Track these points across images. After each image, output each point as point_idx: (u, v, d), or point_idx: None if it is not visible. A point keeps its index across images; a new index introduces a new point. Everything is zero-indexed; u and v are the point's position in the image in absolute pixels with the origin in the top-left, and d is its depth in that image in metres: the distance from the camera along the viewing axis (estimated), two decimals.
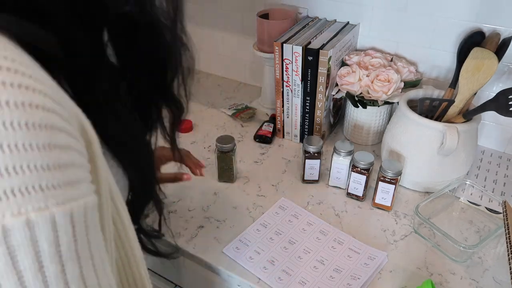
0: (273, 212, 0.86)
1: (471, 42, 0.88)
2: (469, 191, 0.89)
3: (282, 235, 0.81)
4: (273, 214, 0.85)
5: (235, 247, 0.78)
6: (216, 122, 1.18)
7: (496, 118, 1.00)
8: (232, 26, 1.30)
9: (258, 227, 0.82)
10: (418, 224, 0.82)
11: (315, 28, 1.05)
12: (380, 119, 1.03)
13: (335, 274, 0.73)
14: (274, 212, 0.86)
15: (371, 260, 0.75)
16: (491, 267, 0.75)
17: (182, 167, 0.78)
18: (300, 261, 0.76)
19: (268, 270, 0.74)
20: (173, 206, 0.88)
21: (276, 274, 0.73)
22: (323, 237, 0.80)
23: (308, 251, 0.77)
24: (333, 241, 0.79)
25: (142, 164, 0.48)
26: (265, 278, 0.73)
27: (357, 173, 0.86)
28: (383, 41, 1.07)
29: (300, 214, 0.85)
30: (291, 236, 0.80)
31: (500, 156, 1.03)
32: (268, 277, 0.73)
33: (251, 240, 0.80)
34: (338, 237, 0.80)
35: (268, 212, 0.86)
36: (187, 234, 0.82)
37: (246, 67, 1.36)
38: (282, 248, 0.78)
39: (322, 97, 0.99)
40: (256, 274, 0.73)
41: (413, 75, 1.00)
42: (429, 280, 0.65)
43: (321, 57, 0.93)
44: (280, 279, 0.72)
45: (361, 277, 0.72)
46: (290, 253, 0.77)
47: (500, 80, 0.96)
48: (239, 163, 1.01)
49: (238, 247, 0.78)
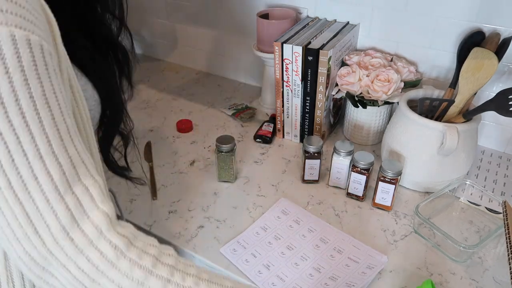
0: (275, 216, 0.85)
1: (471, 42, 0.88)
2: (469, 191, 0.89)
3: (281, 240, 0.80)
4: (275, 218, 0.85)
5: (233, 248, 0.78)
6: (216, 122, 1.18)
7: (496, 118, 1.00)
8: (232, 26, 1.30)
9: (258, 230, 0.82)
10: (418, 224, 0.82)
11: (315, 28, 1.05)
12: (380, 119, 1.04)
13: (330, 282, 0.72)
14: (276, 216, 0.85)
15: (370, 269, 0.74)
16: (491, 267, 0.75)
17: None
18: (297, 268, 0.75)
19: (263, 274, 0.74)
20: (173, 206, 0.88)
21: (270, 279, 0.73)
22: (323, 245, 0.79)
23: (306, 258, 0.77)
24: (333, 250, 0.78)
25: (109, 80, 0.57)
26: (258, 282, 0.72)
27: (357, 173, 0.86)
28: (383, 41, 1.07)
29: (302, 220, 0.84)
30: (290, 242, 0.80)
31: (500, 156, 1.03)
32: (261, 281, 0.72)
33: (249, 243, 0.79)
34: (339, 246, 0.78)
35: (269, 215, 0.85)
36: (187, 234, 0.82)
37: (246, 67, 1.36)
38: (279, 253, 0.78)
39: (322, 97, 0.99)
40: (250, 277, 0.73)
41: (413, 75, 1.00)
42: (429, 280, 0.65)
43: (321, 57, 0.93)
44: (273, 284, 0.72)
45: (356, 284, 0.71)
46: (287, 259, 0.77)
47: (500, 80, 0.96)
48: (239, 163, 1.01)
49: (235, 249, 0.78)
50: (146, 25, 1.50)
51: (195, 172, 0.98)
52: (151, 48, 1.56)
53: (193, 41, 1.43)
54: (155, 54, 1.56)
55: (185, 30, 1.42)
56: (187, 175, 0.98)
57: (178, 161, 1.02)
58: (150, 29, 1.50)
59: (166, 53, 1.53)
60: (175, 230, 0.83)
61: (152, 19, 1.47)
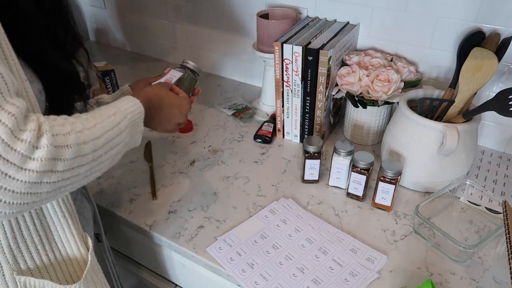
0: (263, 216, 0.85)
1: (471, 42, 0.88)
2: (469, 191, 0.89)
3: (267, 239, 0.80)
4: (262, 218, 0.85)
5: (218, 247, 0.78)
6: (216, 122, 1.18)
7: (496, 118, 1.00)
8: (232, 26, 1.30)
9: (245, 229, 0.82)
10: (418, 224, 0.82)
11: (315, 28, 1.05)
12: (380, 119, 1.04)
13: (312, 285, 0.72)
14: (263, 216, 0.85)
15: (353, 276, 0.73)
16: (491, 267, 0.75)
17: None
18: (280, 267, 0.75)
19: (246, 273, 0.74)
20: (173, 206, 0.88)
21: (253, 278, 0.73)
22: (308, 245, 0.79)
23: (290, 258, 0.77)
24: (318, 250, 0.78)
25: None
26: (241, 280, 0.72)
27: (357, 173, 0.86)
28: (383, 41, 1.07)
29: (289, 220, 0.84)
30: (275, 241, 0.80)
31: (500, 156, 1.03)
32: (244, 280, 0.73)
33: (235, 241, 0.80)
34: (324, 247, 0.79)
35: (258, 215, 0.85)
36: (187, 234, 0.82)
37: (246, 67, 1.36)
38: (264, 252, 0.78)
39: (322, 97, 0.99)
40: (233, 275, 0.73)
41: (413, 75, 1.00)
42: (429, 280, 0.65)
43: (321, 57, 0.93)
44: (256, 283, 0.72)
45: (355, 285, 0.71)
46: (271, 258, 0.77)
47: (500, 80, 0.96)
48: (239, 163, 1.01)
49: (221, 247, 0.78)
50: (146, 25, 1.50)
51: (195, 172, 0.98)
52: (151, 48, 1.56)
53: (193, 41, 1.43)
54: (155, 54, 1.56)
55: (185, 30, 1.42)
56: (187, 175, 0.98)
57: (178, 161, 1.02)
58: (150, 29, 1.50)
59: (166, 53, 1.53)
60: (175, 230, 0.83)
61: (152, 19, 1.47)
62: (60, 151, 0.44)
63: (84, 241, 0.63)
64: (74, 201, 0.63)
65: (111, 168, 0.56)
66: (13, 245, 0.56)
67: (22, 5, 0.50)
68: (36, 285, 0.58)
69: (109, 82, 1.24)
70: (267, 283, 0.72)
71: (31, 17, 0.51)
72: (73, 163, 0.46)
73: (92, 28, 1.68)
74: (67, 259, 0.61)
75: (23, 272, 0.58)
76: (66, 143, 0.45)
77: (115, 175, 0.97)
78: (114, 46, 1.67)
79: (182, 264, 0.88)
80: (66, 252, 0.61)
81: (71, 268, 0.62)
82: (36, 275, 0.59)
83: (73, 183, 0.48)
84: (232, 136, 1.12)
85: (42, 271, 0.59)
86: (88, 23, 1.68)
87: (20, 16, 0.50)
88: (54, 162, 0.44)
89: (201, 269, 0.83)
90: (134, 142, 0.61)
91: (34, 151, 0.42)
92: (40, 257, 0.59)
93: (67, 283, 0.61)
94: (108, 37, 1.66)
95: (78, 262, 0.62)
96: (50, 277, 0.60)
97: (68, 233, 0.60)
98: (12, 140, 0.41)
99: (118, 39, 1.64)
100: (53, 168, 0.44)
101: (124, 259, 1.02)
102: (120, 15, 1.56)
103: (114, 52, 1.63)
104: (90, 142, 0.48)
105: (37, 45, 0.54)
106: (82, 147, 0.47)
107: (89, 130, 0.49)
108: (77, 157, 0.46)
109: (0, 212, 0.43)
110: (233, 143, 1.09)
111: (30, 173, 0.42)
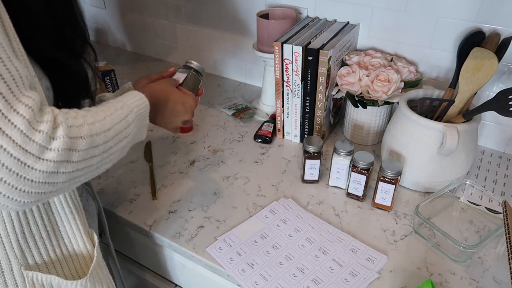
0: (263, 216, 0.85)
1: (471, 42, 0.88)
2: (469, 191, 0.89)
3: (267, 239, 0.80)
4: (262, 218, 0.85)
5: (218, 247, 0.78)
6: (216, 122, 1.18)
7: (496, 118, 1.00)
8: (232, 26, 1.30)
9: (245, 229, 0.82)
10: (418, 224, 0.82)
11: (315, 28, 1.05)
12: (380, 119, 1.04)
13: (312, 285, 0.72)
14: (263, 216, 0.85)
15: (353, 276, 0.73)
16: (491, 267, 0.75)
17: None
18: (280, 267, 0.75)
19: (246, 273, 0.74)
20: (173, 206, 0.89)
21: (253, 278, 0.73)
22: (308, 245, 0.79)
23: (290, 258, 0.77)
24: (318, 250, 0.78)
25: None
26: (241, 280, 0.72)
27: (357, 173, 0.86)
28: (383, 41, 1.07)
29: (289, 219, 0.84)
30: (275, 241, 0.80)
31: (500, 156, 1.03)
32: (244, 280, 0.73)
33: (235, 241, 0.80)
34: (324, 247, 0.79)
35: (258, 215, 0.86)
36: (187, 234, 0.82)
37: (246, 67, 1.36)
38: (264, 252, 0.78)
39: (322, 97, 0.99)
40: (233, 275, 0.73)
41: (413, 75, 1.00)
42: (429, 280, 0.65)
43: (321, 57, 0.93)
44: (256, 283, 0.72)
45: (354, 285, 0.71)
46: (271, 258, 0.77)
47: (500, 80, 0.96)
48: (239, 163, 1.01)
49: (221, 247, 0.78)
50: (146, 25, 1.50)
51: (195, 172, 0.98)
52: (151, 48, 1.56)
53: (193, 41, 1.43)
54: (155, 54, 1.56)
55: (185, 30, 1.42)
56: (187, 175, 0.98)
57: (178, 161, 1.02)
58: (150, 29, 1.50)
59: (166, 53, 1.53)
60: (175, 230, 0.83)
61: (152, 19, 1.47)
62: (75, 141, 0.46)
63: (90, 237, 0.64)
64: (80, 198, 0.63)
65: (111, 168, 0.56)
66: (21, 240, 0.56)
67: (32, 5, 0.51)
68: (43, 280, 0.58)
69: (109, 82, 1.24)
70: (267, 283, 0.72)
71: (39, 17, 0.52)
72: (86, 154, 0.47)
73: (92, 28, 1.68)
74: (73, 254, 0.62)
75: (31, 267, 0.58)
76: (80, 134, 0.46)
77: (115, 175, 0.97)
78: (114, 46, 1.67)
79: (182, 264, 0.88)
80: (72, 248, 0.62)
81: (77, 263, 0.62)
82: (43, 270, 0.59)
83: (86, 174, 0.50)
84: (232, 136, 1.12)
85: (49, 267, 0.60)
86: (88, 23, 1.67)
87: (28, 15, 0.51)
88: (69, 153, 0.45)
89: (201, 269, 0.84)
90: (140, 135, 0.62)
91: (51, 142, 0.43)
92: (47, 253, 0.59)
93: (73, 279, 0.61)
94: (108, 37, 1.66)
95: (84, 258, 0.63)
96: (57, 273, 0.60)
97: (75, 229, 0.61)
98: (31, 131, 0.42)
99: (118, 39, 1.64)
100: (69, 158, 0.45)
101: (124, 259, 1.02)
102: (120, 15, 1.56)
103: (114, 52, 1.63)
104: (101, 133, 0.50)
105: (45, 45, 0.54)
106: (95, 138, 0.48)
107: (100, 122, 0.50)
108: (90, 148, 0.48)
109: (19, 202, 0.44)
110: (233, 143, 1.09)
111: (48, 163, 0.43)
